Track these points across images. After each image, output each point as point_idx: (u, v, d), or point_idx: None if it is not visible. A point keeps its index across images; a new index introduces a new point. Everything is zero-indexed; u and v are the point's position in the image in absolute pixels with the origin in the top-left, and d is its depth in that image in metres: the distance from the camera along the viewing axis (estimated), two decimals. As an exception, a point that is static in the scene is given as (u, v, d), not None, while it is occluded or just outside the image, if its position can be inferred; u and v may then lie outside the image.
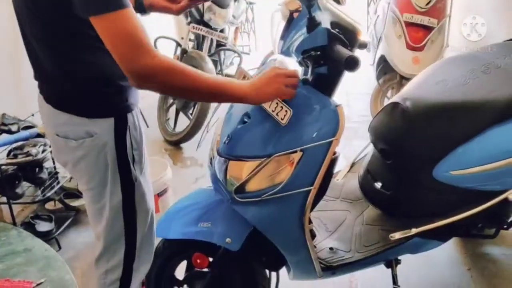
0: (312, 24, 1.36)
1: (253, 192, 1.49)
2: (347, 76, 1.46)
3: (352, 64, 1.28)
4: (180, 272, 1.86)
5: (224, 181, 1.55)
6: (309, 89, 1.44)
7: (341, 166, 2.25)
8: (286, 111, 1.39)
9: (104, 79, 1.34)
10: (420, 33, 3.32)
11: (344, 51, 1.30)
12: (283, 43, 1.52)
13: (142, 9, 1.61)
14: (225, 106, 1.68)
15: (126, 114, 1.41)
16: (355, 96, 4.48)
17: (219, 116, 1.71)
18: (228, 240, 1.59)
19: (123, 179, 1.44)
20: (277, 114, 1.41)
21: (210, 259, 1.74)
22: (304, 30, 1.40)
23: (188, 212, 1.71)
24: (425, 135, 1.82)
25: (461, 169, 1.75)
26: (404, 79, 3.33)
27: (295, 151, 1.41)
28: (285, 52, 1.51)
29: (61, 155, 1.48)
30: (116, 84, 1.36)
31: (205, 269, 1.76)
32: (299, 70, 1.47)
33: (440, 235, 1.84)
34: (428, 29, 3.32)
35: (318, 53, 1.36)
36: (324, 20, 1.39)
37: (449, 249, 2.38)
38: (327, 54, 1.35)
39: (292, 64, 1.51)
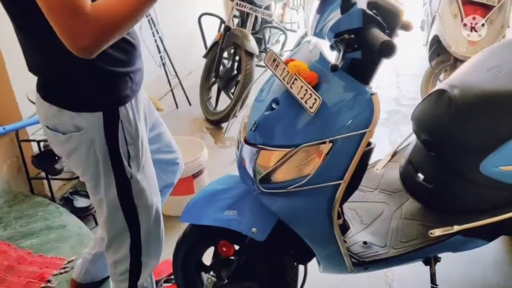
0: (347, 4, 1.25)
1: (279, 183, 1.41)
2: (398, 55, 1.30)
3: (387, 50, 1.16)
4: (207, 257, 1.83)
5: (253, 170, 1.48)
6: (343, 75, 1.33)
7: (384, 154, 2.14)
8: (315, 99, 1.28)
9: (86, 66, 1.15)
10: (478, 12, 3.10)
11: (379, 35, 1.18)
12: (316, 24, 1.41)
13: None
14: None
15: (117, 107, 1.30)
16: (406, 77, 4.28)
17: (249, 102, 1.63)
18: (254, 230, 1.53)
19: (117, 177, 1.36)
20: (305, 102, 1.31)
21: (237, 247, 1.70)
22: (338, 10, 1.28)
23: (215, 198, 1.65)
24: (473, 127, 1.67)
25: (512, 165, 1.60)
26: (458, 62, 3.13)
27: (324, 142, 1.32)
28: (319, 34, 1.40)
29: (54, 147, 1.42)
30: (103, 71, 1.24)
31: (232, 257, 1.72)
32: (331, 54, 1.36)
33: (486, 234, 1.70)
34: (487, 8, 3.09)
35: (352, 36, 1.25)
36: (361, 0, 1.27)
37: (495, 247, 2.22)
38: (362, 37, 1.23)
39: (326, 48, 1.40)
